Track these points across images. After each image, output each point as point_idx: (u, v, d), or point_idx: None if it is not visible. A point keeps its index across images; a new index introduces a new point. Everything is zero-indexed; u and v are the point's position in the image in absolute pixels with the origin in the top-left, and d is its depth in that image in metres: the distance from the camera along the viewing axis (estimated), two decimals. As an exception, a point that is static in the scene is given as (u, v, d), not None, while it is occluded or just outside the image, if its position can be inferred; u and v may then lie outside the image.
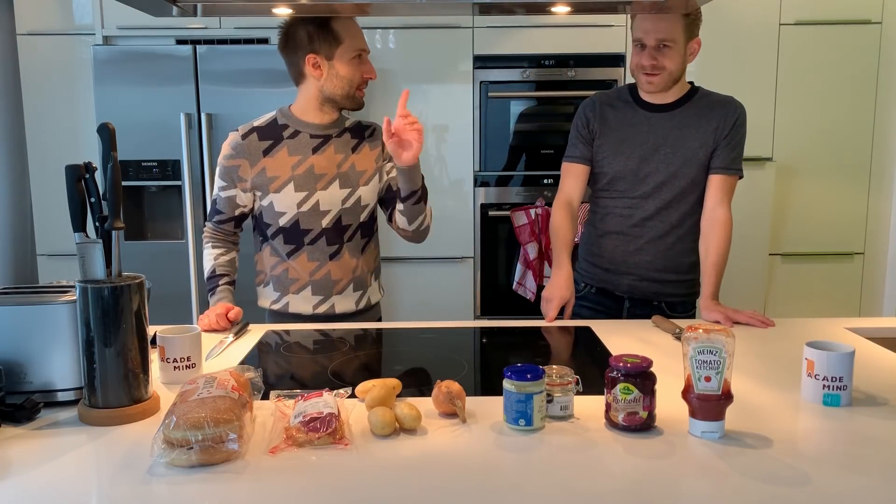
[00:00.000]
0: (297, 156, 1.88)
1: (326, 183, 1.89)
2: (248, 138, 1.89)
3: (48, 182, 3.26)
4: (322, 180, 1.89)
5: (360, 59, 1.88)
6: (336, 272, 1.93)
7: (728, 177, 1.99)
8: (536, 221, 3.21)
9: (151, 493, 1.01)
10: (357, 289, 1.97)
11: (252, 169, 1.88)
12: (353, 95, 1.89)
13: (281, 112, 1.95)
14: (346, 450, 1.13)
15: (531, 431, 1.20)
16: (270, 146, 1.89)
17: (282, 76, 3.06)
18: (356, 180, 1.92)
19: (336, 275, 1.93)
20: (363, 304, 1.99)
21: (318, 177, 1.88)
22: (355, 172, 1.92)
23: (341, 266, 1.93)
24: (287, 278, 1.93)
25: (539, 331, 1.84)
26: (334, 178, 1.89)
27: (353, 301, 1.97)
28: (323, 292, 1.93)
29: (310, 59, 1.86)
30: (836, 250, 3.38)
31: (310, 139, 1.90)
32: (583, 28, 3.24)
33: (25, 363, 1.28)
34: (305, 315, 1.94)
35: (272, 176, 1.88)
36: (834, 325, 1.82)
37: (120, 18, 3.18)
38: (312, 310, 1.93)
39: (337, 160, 1.90)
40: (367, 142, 1.96)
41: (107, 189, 1.25)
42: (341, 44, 1.84)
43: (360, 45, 1.87)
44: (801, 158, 3.30)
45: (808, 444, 1.15)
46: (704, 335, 1.16)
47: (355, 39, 1.86)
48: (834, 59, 3.24)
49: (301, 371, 1.56)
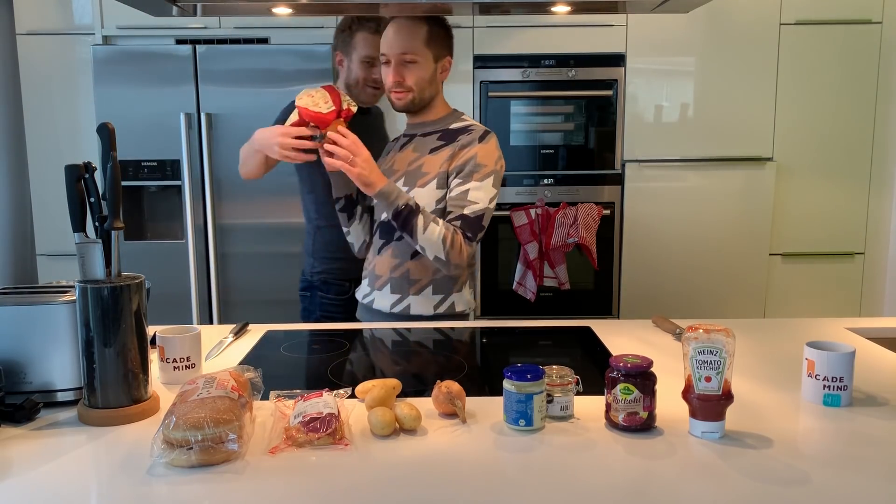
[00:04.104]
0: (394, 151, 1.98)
1: (395, 180, 1.90)
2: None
3: (48, 182, 3.26)
4: (393, 175, 1.91)
5: (387, 63, 1.87)
6: (415, 271, 1.89)
7: None
8: (536, 221, 3.21)
9: (151, 493, 1.01)
10: (437, 292, 1.90)
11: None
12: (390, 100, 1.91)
13: None
14: (346, 450, 1.13)
15: (531, 431, 1.20)
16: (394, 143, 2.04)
17: (282, 76, 3.08)
18: (416, 181, 1.86)
19: (415, 274, 1.89)
20: (443, 308, 1.91)
21: (393, 171, 1.93)
22: (419, 172, 1.87)
23: (419, 266, 1.88)
24: (374, 274, 1.95)
25: (539, 331, 1.84)
26: (400, 177, 1.90)
27: (432, 305, 1.90)
28: (400, 291, 1.90)
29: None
30: (836, 250, 3.37)
31: (402, 137, 1.99)
32: (583, 28, 3.23)
33: (25, 363, 1.28)
34: (385, 312, 1.93)
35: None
36: (834, 325, 1.82)
37: (120, 18, 3.17)
38: (390, 308, 1.91)
39: (409, 158, 1.91)
40: (451, 146, 1.86)
41: (106, 189, 1.25)
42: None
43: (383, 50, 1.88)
44: (801, 158, 3.30)
45: (808, 444, 1.15)
46: (704, 335, 1.16)
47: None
48: (834, 59, 3.24)
49: (301, 371, 1.56)
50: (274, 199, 3.07)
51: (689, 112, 3.26)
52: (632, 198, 3.30)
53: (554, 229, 3.19)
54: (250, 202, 3.07)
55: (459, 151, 1.84)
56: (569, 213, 3.20)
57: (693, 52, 3.23)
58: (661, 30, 3.23)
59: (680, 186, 3.30)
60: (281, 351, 1.68)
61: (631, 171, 3.28)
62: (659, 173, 3.29)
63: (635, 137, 3.28)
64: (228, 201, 3.08)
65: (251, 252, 3.10)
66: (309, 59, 2.99)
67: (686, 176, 3.27)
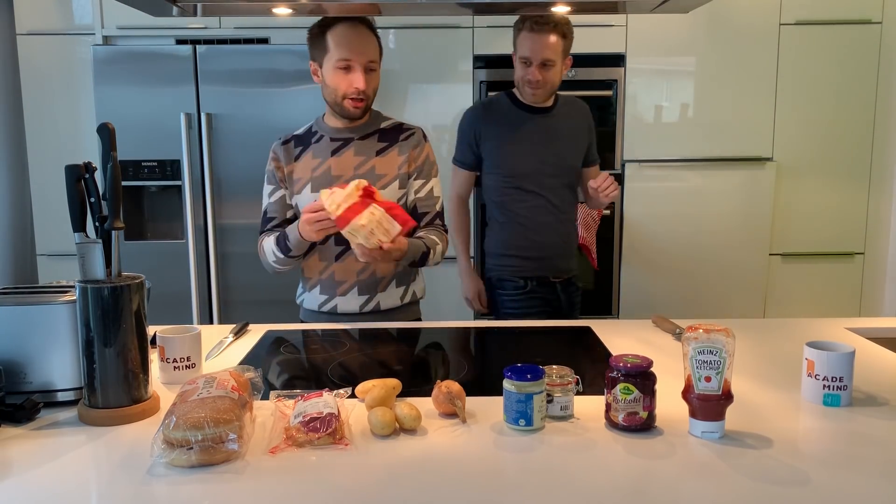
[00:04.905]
0: (318, 159, 1.91)
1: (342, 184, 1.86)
2: (286, 145, 1.95)
3: (48, 182, 3.26)
4: (338, 182, 1.88)
5: (347, 69, 1.84)
6: (380, 270, 1.93)
7: (598, 164, 2.51)
8: (536, 221, 3.22)
9: (151, 493, 1.01)
10: (400, 284, 1.97)
11: (285, 171, 1.93)
12: (341, 105, 1.87)
13: (316, 119, 1.99)
14: (346, 450, 1.13)
15: (531, 431, 1.20)
16: (300, 152, 1.94)
17: (282, 76, 3.08)
18: (373, 183, 1.87)
19: (380, 273, 1.93)
20: (408, 298, 2.00)
21: (334, 178, 1.89)
22: (373, 175, 1.89)
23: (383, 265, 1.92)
24: (334, 280, 1.93)
25: (539, 331, 1.84)
26: (349, 180, 1.86)
27: (399, 296, 1.97)
28: (368, 291, 1.93)
29: (310, 64, 1.92)
30: (836, 250, 3.37)
31: (329, 142, 1.92)
32: (583, 28, 3.23)
33: (25, 363, 1.28)
34: (353, 314, 1.94)
35: (297, 178, 1.92)
36: (834, 325, 1.82)
37: (120, 18, 3.18)
38: (359, 309, 1.94)
39: (355, 162, 1.90)
40: (397, 146, 1.93)
41: (106, 189, 1.25)
42: (327, 52, 1.85)
43: (345, 55, 1.82)
44: (801, 158, 3.30)
45: (808, 444, 1.15)
46: (704, 335, 1.16)
47: (341, 48, 1.82)
48: (834, 59, 3.24)
49: (301, 371, 1.56)
50: (274, 199, 3.07)
51: (689, 112, 3.26)
52: (632, 198, 3.30)
53: (554, 229, 3.19)
54: (250, 202, 3.07)
55: (413, 152, 1.94)
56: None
57: (693, 52, 3.23)
58: (661, 30, 3.24)
59: (680, 186, 3.30)
60: (281, 351, 1.68)
61: (631, 171, 3.28)
62: (659, 173, 3.29)
63: (635, 137, 3.28)
64: (228, 201, 3.08)
65: (251, 252, 3.08)
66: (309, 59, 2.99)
67: (686, 176, 3.28)
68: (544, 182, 2.32)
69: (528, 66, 2.26)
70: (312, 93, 2.98)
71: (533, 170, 2.31)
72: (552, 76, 2.27)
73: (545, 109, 2.35)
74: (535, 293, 2.35)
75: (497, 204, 2.38)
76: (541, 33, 2.22)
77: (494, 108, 2.37)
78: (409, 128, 1.98)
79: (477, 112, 2.39)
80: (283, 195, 1.95)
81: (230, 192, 3.07)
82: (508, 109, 2.35)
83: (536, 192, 2.33)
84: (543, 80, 2.26)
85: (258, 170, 3.03)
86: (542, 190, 2.33)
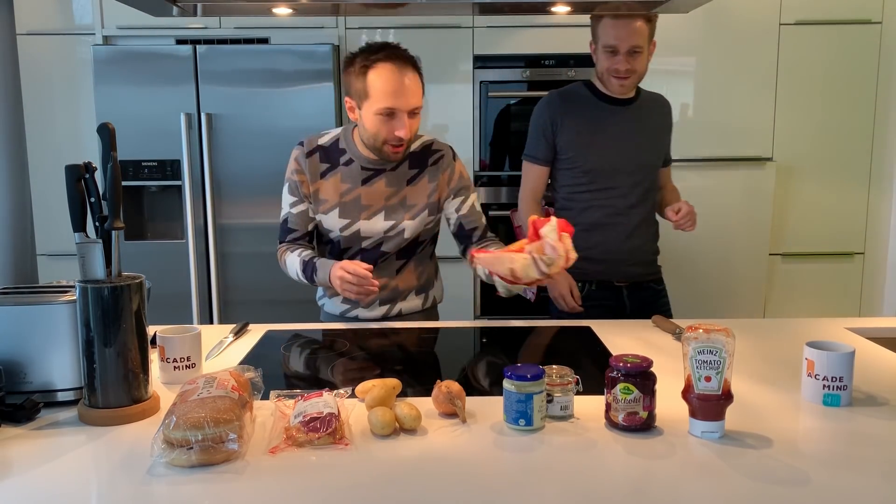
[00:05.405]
0: (347, 184, 1.85)
1: (371, 214, 1.86)
2: (311, 158, 1.87)
3: (48, 182, 3.26)
4: (367, 211, 1.85)
5: (391, 115, 1.73)
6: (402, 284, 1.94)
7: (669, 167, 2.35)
8: (536, 221, 3.21)
9: (151, 493, 1.01)
10: (420, 292, 1.98)
11: (311, 187, 1.87)
12: (379, 149, 1.79)
13: (345, 134, 1.88)
14: (346, 450, 1.13)
15: (531, 431, 1.20)
16: (327, 170, 1.87)
17: (282, 76, 3.08)
18: (402, 214, 1.86)
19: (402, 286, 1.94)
20: (428, 303, 2.01)
21: (363, 207, 1.85)
22: (404, 206, 1.86)
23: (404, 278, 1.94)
24: None
25: (539, 331, 1.84)
26: (379, 211, 1.86)
27: (420, 302, 1.98)
28: (390, 301, 1.94)
29: (346, 100, 1.82)
30: (836, 250, 3.37)
31: (360, 171, 1.85)
32: (583, 28, 3.21)
33: (25, 363, 1.28)
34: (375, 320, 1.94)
35: (323, 199, 1.87)
36: (834, 325, 1.82)
37: (120, 18, 3.17)
38: (381, 317, 1.94)
39: (386, 193, 1.85)
40: (427, 172, 1.88)
41: (107, 189, 1.25)
42: (369, 97, 1.73)
43: (390, 103, 1.71)
44: (801, 158, 3.30)
45: (808, 444, 1.15)
46: (704, 335, 1.16)
47: (386, 96, 1.70)
48: (834, 59, 3.24)
49: (301, 371, 1.56)
50: (274, 199, 3.05)
51: (689, 112, 3.26)
52: (632, 198, 3.29)
53: (554, 229, 3.19)
54: (250, 202, 3.07)
55: (443, 177, 1.89)
56: (569, 213, 3.20)
57: (693, 52, 3.23)
58: (661, 30, 3.21)
59: (680, 186, 3.25)
60: (281, 351, 1.68)
61: (631, 171, 3.28)
62: (659, 173, 3.28)
63: (635, 137, 3.27)
64: (228, 201, 3.08)
65: (251, 252, 3.10)
66: (309, 59, 2.99)
67: (686, 176, 3.27)
68: (620, 180, 2.17)
69: (614, 56, 2.09)
70: (313, 93, 2.98)
71: (610, 167, 2.15)
72: (640, 64, 2.12)
73: (627, 101, 2.19)
74: (593, 297, 2.19)
75: (565, 200, 2.23)
76: (627, 18, 2.05)
77: (573, 98, 2.21)
78: (437, 149, 1.90)
79: (554, 102, 2.21)
80: (306, 209, 1.90)
81: (230, 192, 3.07)
82: (588, 100, 2.18)
83: (609, 189, 2.17)
84: (632, 68, 2.10)
85: (258, 170, 3.06)
86: (615, 189, 2.17)
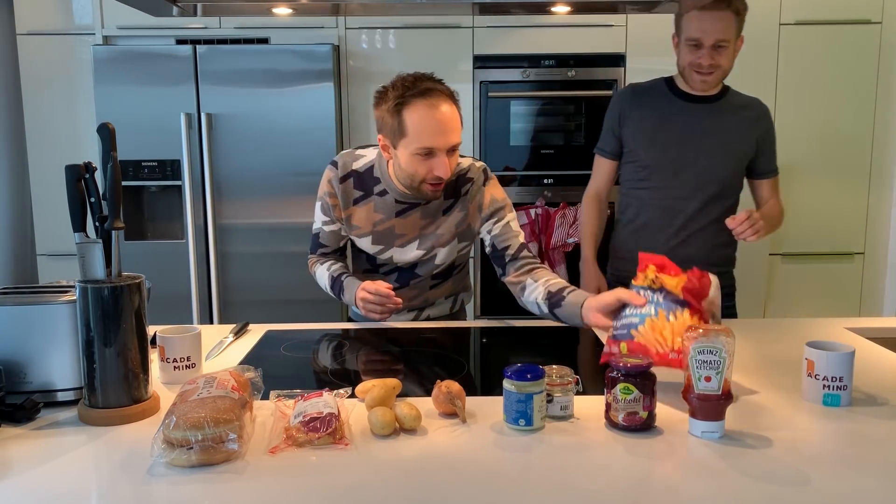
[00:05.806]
0: (381, 215, 1.83)
1: (405, 242, 1.85)
2: (345, 183, 1.82)
3: (48, 182, 3.26)
4: (401, 239, 1.85)
5: (430, 155, 1.65)
6: (431, 297, 1.95)
7: (775, 178, 2.21)
8: (536, 221, 3.21)
9: (151, 493, 1.01)
10: (449, 296, 1.99)
11: (343, 212, 1.85)
12: (417, 188, 1.73)
13: (379, 162, 1.82)
14: (346, 450, 1.13)
15: (531, 431, 1.20)
16: (361, 197, 1.83)
17: (282, 76, 3.08)
18: (436, 243, 1.85)
19: (431, 298, 1.95)
20: (457, 307, 2.02)
21: (397, 236, 1.84)
22: (434, 236, 1.84)
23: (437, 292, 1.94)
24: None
25: (539, 331, 1.84)
26: (414, 240, 1.85)
27: (448, 308, 2.00)
28: (420, 309, 1.95)
29: (379, 138, 1.75)
30: (836, 250, 3.37)
31: (395, 203, 1.81)
32: (583, 28, 3.23)
33: (25, 363, 1.28)
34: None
35: (355, 225, 1.85)
36: (834, 325, 1.82)
37: (120, 18, 3.18)
38: (410, 321, 1.95)
39: (420, 224, 1.83)
40: (460, 202, 1.83)
41: (107, 189, 1.25)
42: (405, 136, 1.65)
43: (428, 143, 1.63)
44: (801, 158, 3.30)
45: (808, 444, 1.15)
46: (704, 335, 1.16)
47: (423, 135, 1.63)
48: (834, 59, 3.24)
49: (301, 371, 1.56)
50: (274, 199, 3.08)
51: (689, 112, 3.26)
52: (632, 198, 3.29)
53: (554, 229, 3.19)
54: (250, 202, 3.07)
55: (472, 206, 1.83)
56: (569, 214, 3.20)
57: (693, 53, 3.23)
58: (661, 30, 3.22)
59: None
60: (281, 351, 1.68)
61: (631, 171, 3.28)
62: (659, 173, 3.28)
63: (635, 137, 3.27)
64: (228, 201, 3.08)
65: (251, 252, 3.10)
66: (309, 59, 2.99)
67: (686, 176, 3.27)
68: (681, 181, 2.07)
69: (697, 49, 2.00)
70: (313, 93, 2.98)
71: (671, 165, 2.07)
72: (725, 59, 2.01)
73: (707, 100, 2.09)
74: None
75: (626, 198, 2.17)
76: (714, 10, 1.95)
77: (646, 91, 2.14)
78: (470, 177, 1.82)
79: (625, 94, 2.16)
80: (338, 229, 1.89)
81: (230, 192, 3.07)
82: (661, 94, 2.11)
83: (668, 189, 2.08)
84: (716, 63, 2.00)
85: (258, 170, 3.06)
86: (674, 189, 2.07)
